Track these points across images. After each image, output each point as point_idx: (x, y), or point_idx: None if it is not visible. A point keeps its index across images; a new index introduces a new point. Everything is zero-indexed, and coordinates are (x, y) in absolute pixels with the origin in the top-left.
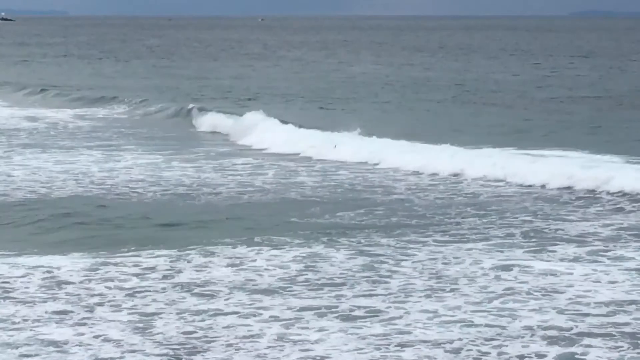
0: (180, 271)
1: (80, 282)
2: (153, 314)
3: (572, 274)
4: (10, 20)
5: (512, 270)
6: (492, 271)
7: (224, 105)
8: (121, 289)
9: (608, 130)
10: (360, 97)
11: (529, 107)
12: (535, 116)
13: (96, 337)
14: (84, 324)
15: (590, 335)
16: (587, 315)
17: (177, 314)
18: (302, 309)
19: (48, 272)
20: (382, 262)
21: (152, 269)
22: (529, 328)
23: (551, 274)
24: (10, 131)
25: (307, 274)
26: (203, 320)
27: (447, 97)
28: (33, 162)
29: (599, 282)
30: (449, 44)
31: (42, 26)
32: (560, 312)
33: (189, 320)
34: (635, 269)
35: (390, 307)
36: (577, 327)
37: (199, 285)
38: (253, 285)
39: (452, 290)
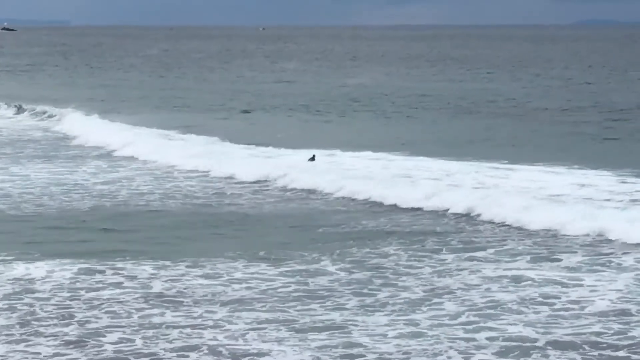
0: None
1: (50, 291)
2: (103, 327)
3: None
4: (12, 30)
5: (510, 280)
6: (487, 282)
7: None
8: (85, 300)
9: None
10: (350, 109)
11: (532, 118)
12: (534, 128)
13: (23, 352)
14: (23, 340)
15: (550, 346)
16: (559, 326)
17: (127, 326)
18: (260, 321)
19: (19, 282)
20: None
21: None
22: (492, 339)
23: (550, 284)
24: None
25: (289, 287)
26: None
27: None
28: None
29: (596, 291)
30: (449, 54)
31: (42, 36)
32: (530, 324)
33: (136, 333)
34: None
35: (350, 320)
36: (541, 338)
37: (164, 296)
38: (223, 297)
39: (431, 303)
